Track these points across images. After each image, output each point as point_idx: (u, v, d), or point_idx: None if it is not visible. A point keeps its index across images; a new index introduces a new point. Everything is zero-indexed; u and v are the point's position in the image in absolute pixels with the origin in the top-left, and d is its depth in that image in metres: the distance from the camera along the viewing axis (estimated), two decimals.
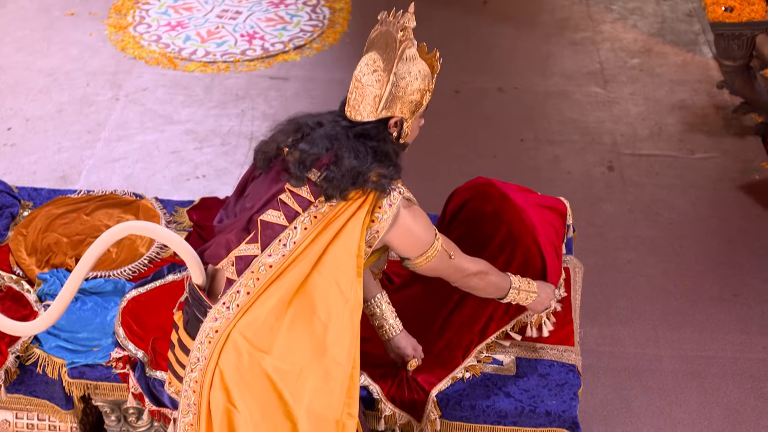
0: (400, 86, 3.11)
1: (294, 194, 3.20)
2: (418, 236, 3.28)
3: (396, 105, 3.14)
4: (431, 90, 3.21)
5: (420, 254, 3.31)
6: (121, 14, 7.49)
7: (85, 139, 6.23)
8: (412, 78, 3.12)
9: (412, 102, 3.16)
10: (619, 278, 5.24)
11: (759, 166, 6.02)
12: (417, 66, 3.14)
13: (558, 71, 6.91)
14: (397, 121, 3.18)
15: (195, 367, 3.29)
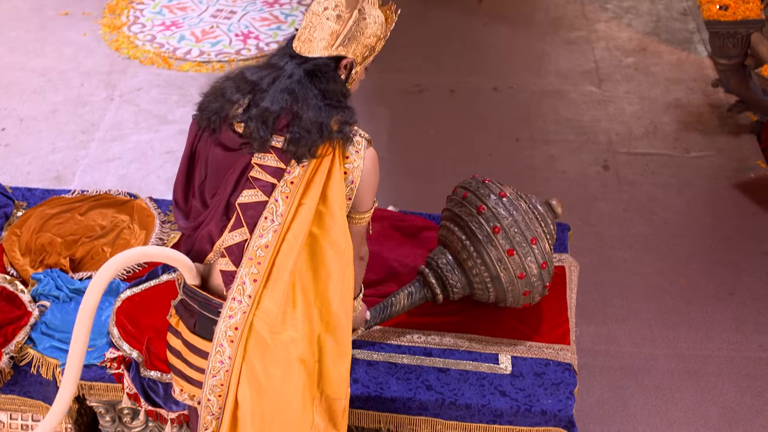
0: (360, 26, 3.03)
1: (263, 166, 3.07)
2: (373, 187, 3.17)
3: (351, 45, 3.04)
4: (384, 39, 3.13)
5: (365, 210, 3.21)
6: (116, 14, 7.48)
7: (80, 139, 6.21)
8: (371, 20, 3.05)
9: (367, 46, 3.07)
10: (615, 277, 5.24)
11: (754, 164, 6.02)
12: (377, 11, 3.08)
13: (553, 70, 6.90)
14: (348, 63, 3.06)
15: (218, 371, 3.14)
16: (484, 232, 3.76)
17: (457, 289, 3.91)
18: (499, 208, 3.76)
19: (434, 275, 3.91)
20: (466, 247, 3.80)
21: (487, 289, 3.86)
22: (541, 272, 3.78)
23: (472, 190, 3.86)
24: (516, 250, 3.73)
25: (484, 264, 3.79)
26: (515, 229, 3.74)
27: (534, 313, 4.06)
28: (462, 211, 3.83)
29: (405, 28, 7.31)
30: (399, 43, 7.09)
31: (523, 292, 3.82)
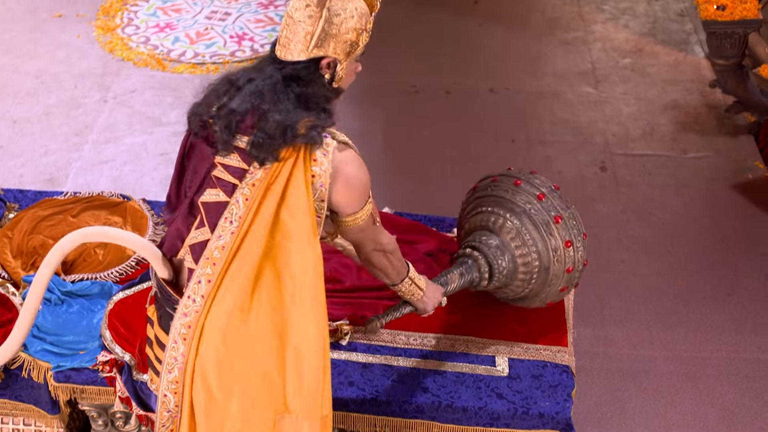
0: (333, 23, 2.93)
1: (225, 166, 3.04)
2: (356, 187, 3.07)
3: (329, 44, 2.94)
4: (369, 30, 3.00)
5: (354, 211, 3.12)
6: (109, 16, 7.43)
7: (73, 141, 6.17)
8: (347, 15, 2.94)
9: (347, 42, 2.95)
10: (613, 279, 5.20)
11: (752, 165, 5.99)
12: (354, 3, 2.95)
13: (549, 71, 6.87)
14: (330, 62, 2.97)
15: (173, 367, 3.16)
16: (544, 219, 3.68)
17: (502, 277, 3.76)
18: (557, 198, 3.73)
19: (485, 258, 3.74)
20: (521, 234, 3.69)
21: (529, 281, 3.75)
22: (582, 269, 3.78)
23: (525, 179, 3.78)
24: (572, 243, 3.69)
25: (538, 253, 3.69)
26: (573, 221, 3.71)
27: (531, 315, 4.02)
28: (517, 198, 3.73)
29: (400, 29, 7.32)
30: (394, 44, 7.08)
31: (560, 288, 3.78)
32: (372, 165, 5.87)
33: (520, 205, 3.72)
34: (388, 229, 4.42)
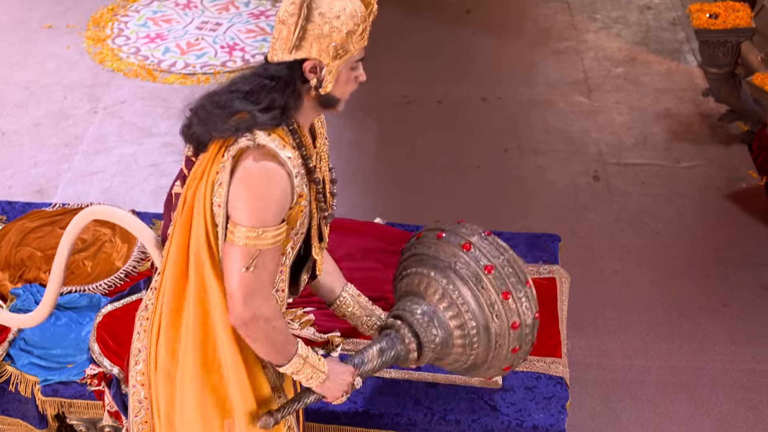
0: (315, 23, 2.70)
1: (187, 158, 2.93)
2: (242, 196, 2.72)
3: (311, 45, 2.72)
4: (362, 33, 2.76)
5: (233, 221, 2.75)
6: (100, 27, 7.40)
7: (62, 152, 6.12)
8: (332, 15, 2.70)
9: (332, 43, 2.72)
10: (606, 289, 5.17)
11: (745, 174, 5.97)
12: (342, 2, 2.72)
13: (542, 81, 6.85)
14: (314, 66, 2.74)
15: (139, 359, 3.05)
16: (472, 272, 3.16)
17: (435, 346, 3.22)
18: (486, 246, 3.19)
19: (409, 328, 3.20)
20: (448, 293, 3.18)
21: (470, 346, 3.22)
22: (534, 323, 3.22)
23: (450, 230, 3.26)
24: (512, 293, 3.16)
25: (471, 312, 3.16)
26: (509, 269, 3.17)
27: None
28: (440, 253, 3.21)
29: (392, 38, 7.29)
30: (386, 53, 7.05)
31: (511, 348, 3.23)
32: (364, 175, 5.92)
33: (443, 259, 3.20)
34: (380, 240, 4.39)
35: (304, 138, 2.83)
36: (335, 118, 6.31)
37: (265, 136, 2.71)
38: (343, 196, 5.40)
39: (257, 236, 2.71)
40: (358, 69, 2.83)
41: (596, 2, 7.81)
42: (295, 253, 2.93)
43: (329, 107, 2.85)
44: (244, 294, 2.76)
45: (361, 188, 5.78)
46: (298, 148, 2.80)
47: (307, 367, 2.93)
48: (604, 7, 7.75)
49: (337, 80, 2.79)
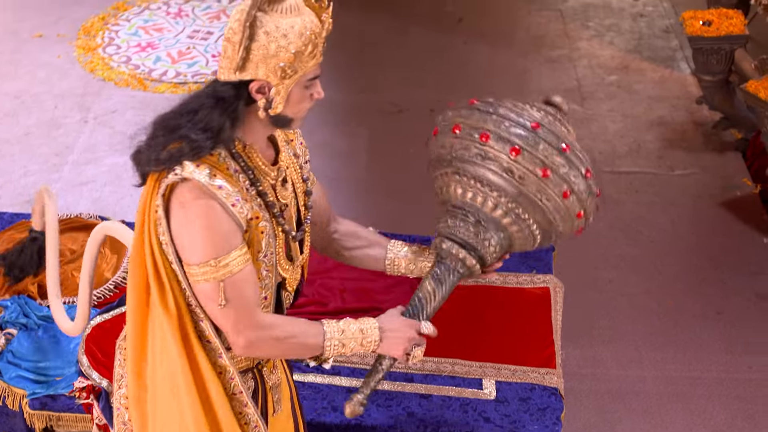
0: (260, 42, 2.55)
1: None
2: (183, 235, 2.64)
3: (256, 66, 2.58)
4: (312, 52, 2.59)
5: (188, 261, 2.65)
6: (90, 36, 7.36)
7: (53, 162, 6.08)
8: (278, 34, 2.55)
9: (280, 64, 2.58)
10: (601, 298, 5.14)
11: (740, 182, 5.94)
12: (289, 20, 2.57)
13: (535, 89, 6.82)
14: (261, 86, 2.61)
15: (122, 383, 2.98)
16: (502, 162, 2.78)
17: (492, 252, 2.91)
18: (507, 125, 2.81)
19: (464, 248, 2.90)
20: (487, 195, 2.84)
21: (530, 232, 2.87)
22: (587, 182, 2.84)
23: (464, 119, 2.89)
24: (552, 169, 2.76)
25: (516, 202, 2.81)
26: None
27: (519, 336, 3.96)
28: (460, 152, 2.86)
29: (384, 46, 7.26)
30: (378, 62, 7.02)
31: (576, 213, 2.86)
32: (356, 184, 5.88)
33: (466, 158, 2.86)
34: None
35: (250, 160, 2.74)
36: (325, 126, 6.35)
37: (193, 167, 2.60)
38: (334, 205, 5.34)
39: (213, 269, 2.64)
40: (314, 87, 2.69)
41: (589, 10, 7.80)
42: (274, 275, 2.86)
43: (283, 126, 2.74)
44: (231, 327, 2.70)
45: (352, 197, 5.75)
46: (244, 171, 2.71)
47: (350, 341, 2.80)
48: (597, 14, 7.73)
49: (288, 100, 2.65)
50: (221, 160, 2.67)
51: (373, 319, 2.82)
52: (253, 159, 2.74)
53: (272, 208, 2.77)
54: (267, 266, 2.79)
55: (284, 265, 2.86)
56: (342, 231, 3.15)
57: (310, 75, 2.64)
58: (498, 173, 2.79)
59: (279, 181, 2.82)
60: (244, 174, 2.71)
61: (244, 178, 2.70)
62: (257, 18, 2.56)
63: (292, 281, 2.92)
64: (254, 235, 2.73)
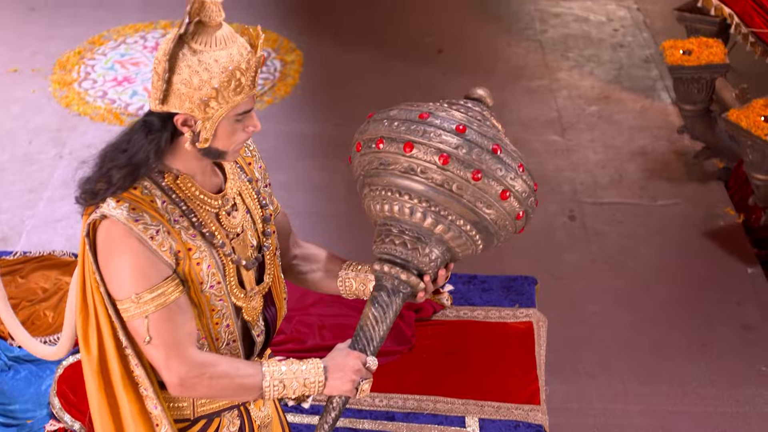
0: (182, 75, 2.48)
1: None
2: (105, 275, 2.59)
3: (178, 99, 2.50)
4: (239, 87, 2.50)
5: (116, 297, 2.60)
6: (66, 70, 7.28)
7: (27, 198, 5.98)
8: (201, 68, 2.47)
9: (202, 98, 2.49)
10: (585, 331, 5.06)
11: (723, 211, 5.90)
12: (214, 54, 2.49)
13: (515, 119, 6.77)
14: (186, 120, 2.53)
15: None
16: (430, 172, 2.64)
17: (434, 266, 2.76)
18: (430, 133, 2.66)
19: (404, 265, 2.74)
20: (415, 207, 2.69)
21: (468, 238, 2.72)
22: (524, 179, 2.71)
23: (385, 131, 2.76)
24: (482, 170, 2.62)
25: (447, 209, 2.67)
26: (464, 148, 2.62)
27: (502, 372, 3.88)
28: (383, 166, 2.72)
29: (362, 78, 7.21)
30: (357, 93, 6.96)
31: (516, 215, 2.71)
32: (336, 218, 5.80)
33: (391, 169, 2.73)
34: None
35: (182, 191, 2.66)
36: (303, 159, 6.27)
37: (113, 204, 2.54)
38: (316, 237, 5.25)
39: (135, 305, 2.57)
40: (247, 120, 2.60)
41: (568, 41, 7.78)
42: (229, 304, 2.78)
43: (216, 158, 2.65)
44: (163, 364, 2.61)
45: (331, 232, 5.66)
46: (175, 203, 2.64)
47: (291, 382, 2.66)
48: (577, 45, 7.71)
49: (216, 134, 2.58)
50: (145, 192, 2.60)
51: (319, 360, 2.70)
52: (187, 189, 2.67)
53: (210, 240, 2.70)
54: (218, 296, 2.72)
55: (237, 294, 2.79)
56: (300, 255, 3.07)
57: (240, 109, 2.56)
58: (427, 184, 2.65)
59: (224, 209, 2.75)
60: (174, 205, 2.64)
61: (174, 209, 2.64)
62: (181, 50, 2.48)
63: (251, 310, 2.84)
64: (190, 268, 2.65)
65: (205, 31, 2.52)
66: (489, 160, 2.63)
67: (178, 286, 2.63)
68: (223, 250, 2.71)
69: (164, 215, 2.61)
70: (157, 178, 2.64)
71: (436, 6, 8.33)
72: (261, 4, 8.21)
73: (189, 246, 2.64)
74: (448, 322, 4.19)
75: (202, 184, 2.71)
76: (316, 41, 7.63)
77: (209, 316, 2.73)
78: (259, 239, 2.86)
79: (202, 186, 2.70)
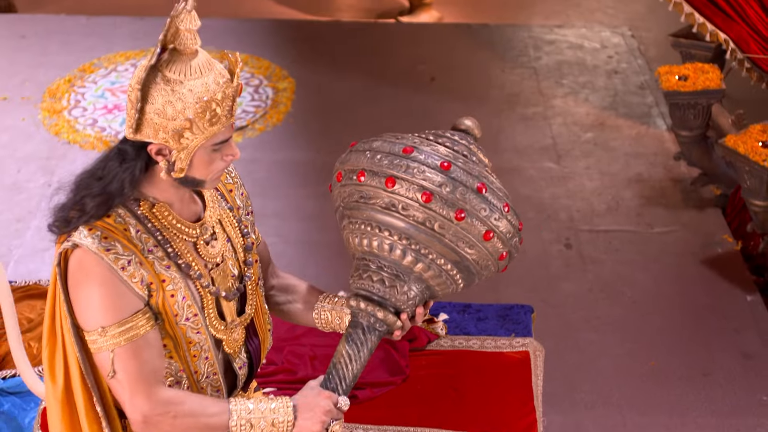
0: (155, 105, 2.43)
1: None
2: (74, 304, 2.54)
3: (151, 129, 2.45)
4: (214, 117, 2.43)
5: (84, 328, 2.55)
6: (56, 98, 7.21)
7: (15, 228, 5.90)
8: (174, 97, 2.41)
9: (176, 128, 2.44)
10: (582, 361, 4.97)
11: (721, 239, 5.83)
12: (190, 83, 2.42)
13: (510, 147, 6.71)
14: (160, 149, 2.49)
15: None
16: (413, 210, 2.59)
17: (412, 305, 2.71)
18: (413, 169, 2.60)
19: (380, 302, 2.69)
20: (395, 243, 2.63)
21: (448, 277, 2.68)
22: (508, 219, 2.67)
23: (367, 164, 2.68)
24: (465, 210, 2.59)
25: (428, 248, 2.61)
26: (448, 187, 2.57)
27: (498, 403, 3.79)
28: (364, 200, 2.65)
29: (355, 105, 7.15)
30: (350, 121, 6.90)
31: (499, 256, 2.69)
32: (327, 247, 5.71)
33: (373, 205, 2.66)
34: None
35: (158, 219, 2.59)
36: (295, 188, 6.20)
37: (85, 232, 2.50)
38: (304, 269, 5.25)
39: (103, 338, 2.51)
40: (225, 149, 2.54)
41: (563, 67, 7.73)
42: (208, 336, 2.69)
43: (194, 187, 2.60)
44: (127, 400, 2.55)
45: (324, 261, 5.58)
46: (150, 232, 2.57)
47: (259, 421, 2.59)
48: (571, 72, 7.67)
49: (192, 164, 2.51)
50: (119, 221, 2.53)
51: (288, 399, 2.63)
52: (163, 218, 2.59)
53: (186, 271, 2.60)
54: (195, 329, 2.63)
55: (217, 326, 2.70)
56: (278, 285, 2.99)
57: (217, 139, 2.50)
58: (408, 221, 2.59)
59: (202, 239, 2.67)
60: (149, 234, 2.56)
61: (148, 239, 2.55)
62: (155, 79, 2.42)
63: (232, 342, 2.76)
64: (163, 300, 2.57)
65: (179, 59, 2.45)
66: (473, 200, 2.59)
67: (149, 320, 2.55)
68: (200, 282, 2.64)
69: (137, 245, 2.54)
70: (133, 206, 2.57)
71: (429, 35, 8.28)
72: (253, 31, 8.17)
73: (162, 277, 2.56)
74: (442, 352, 4.10)
75: (180, 212, 2.64)
76: (309, 69, 7.57)
77: (186, 349, 2.65)
78: (241, 269, 2.78)
79: (180, 214, 2.63)
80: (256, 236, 2.89)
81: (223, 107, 2.45)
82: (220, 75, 2.46)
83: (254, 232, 2.89)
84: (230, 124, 2.52)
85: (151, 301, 2.56)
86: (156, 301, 2.57)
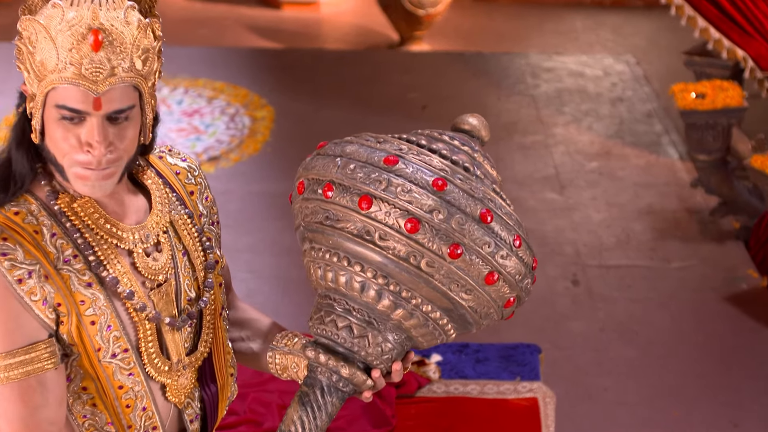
0: (28, 48, 1.93)
1: None
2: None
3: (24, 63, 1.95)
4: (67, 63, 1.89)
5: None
6: None
7: None
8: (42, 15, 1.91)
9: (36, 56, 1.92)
10: (596, 410, 4.50)
11: (745, 273, 5.40)
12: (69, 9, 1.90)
13: (509, 176, 6.27)
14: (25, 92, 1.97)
15: None
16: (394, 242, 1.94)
17: (387, 354, 2.06)
18: (397, 187, 1.95)
19: (345, 356, 2.06)
20: (368, 282, 1.99)
21: (436, 327, 2.05)
22: (519, 257, 2.01)
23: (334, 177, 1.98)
24: (463, 244, 1.96)
25: (412, 291, 1.99)
26: (441, 213, 1.95)
27: None
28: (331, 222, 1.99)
29: (340, 135, 6.55)
30: None
31: (504, 303, 2.06)
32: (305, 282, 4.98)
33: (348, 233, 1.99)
34: None
35: (78, 219, 1.99)
36: (273, 221, 5.71)
37: None
38: (279, 308, 4.88)
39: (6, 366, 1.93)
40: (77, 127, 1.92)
41: (563, 95, 7.41)
42: (144, 379, 2.07)
43: (59, 171, 1.97)
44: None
45: (300, 299, 5.11)
46: (69, 236, 1.98)
47: None
48: (572, 100, 7.33)
49: (47, 131, 1.92)
50: (29, 220, 1.95)
51: None
52: (87, 216, 1.98)
53: (112, 286, 2.01)
54: (126, 369, 2.02)
55: (157, 365, 2.06)
56: (232, 318, 2.32)
57: (59, 99, 1.90)
58: (386, 255, 1.96)
59: (140, 247, 2.06)
60: (67, 239, 1.96)
61: (66, 246, 1.96)
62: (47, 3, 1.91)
63: (178, 389, 2.12)
64: (79, 328, 1.96)
65: None
66: (474, 231, 1.94)
67: (52, 355, 1.94)
68: (131, 303, 2.02)
69: (51, 252, 1.92)
70: (49, 200, 1.96)
71: (420, 63, 8.02)
72: (230, 60, 7.94)
73: (80, 298, 1.94)
74: (435, 399, 3.76)
75: (114, 212, 2.03)
76: (289, 97, 7.23)
77: (116, 396, 2.02)
78: (199, 291, 2.16)
79: (113, 215, 2.02)
80: (220, 255, 2.26)
81: (83, 55, 1.87)
82: (96, 11, 1.89)
83: (219, 248, 2.26)
84: (103, 92, 1.89)
85: (61, 329, 1.96)
86: (68, 329, 1.96)
